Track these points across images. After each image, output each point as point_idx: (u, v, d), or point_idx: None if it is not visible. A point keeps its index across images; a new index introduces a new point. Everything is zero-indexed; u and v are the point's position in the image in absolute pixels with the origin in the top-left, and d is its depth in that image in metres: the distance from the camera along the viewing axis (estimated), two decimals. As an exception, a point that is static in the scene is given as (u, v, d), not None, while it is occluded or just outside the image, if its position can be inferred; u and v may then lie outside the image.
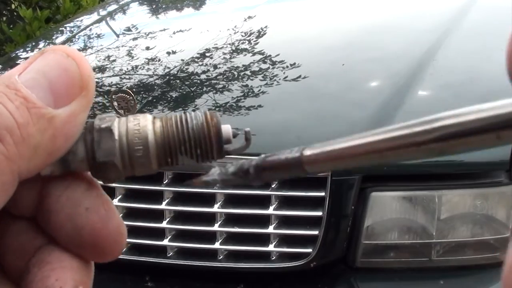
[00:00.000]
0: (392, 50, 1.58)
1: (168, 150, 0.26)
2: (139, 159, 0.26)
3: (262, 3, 2.00)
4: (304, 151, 0.24)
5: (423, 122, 0.20)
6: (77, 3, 3.64)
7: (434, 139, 0.19)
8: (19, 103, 0.23)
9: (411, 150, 0.20)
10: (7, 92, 0.23)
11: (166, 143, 0.26)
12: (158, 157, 0.26)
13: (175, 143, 0.26)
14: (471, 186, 1.18)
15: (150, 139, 0.26)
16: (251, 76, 1.48)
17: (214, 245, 1.20)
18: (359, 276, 1.20)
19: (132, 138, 0.26)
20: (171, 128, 0.27)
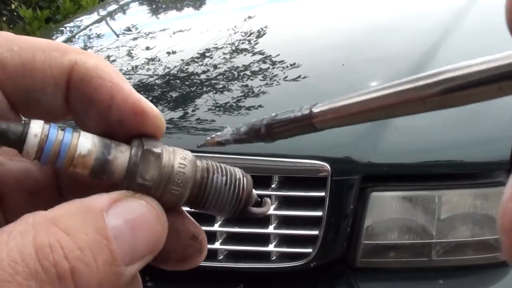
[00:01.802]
0: (392, 50, 1.58)
1: (200, 196, 0.27)
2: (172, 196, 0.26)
3: (262, 3, 2.00)
4: (314, 108, 0.24)
5: (427, 76, 0.20)
6: (77, 3, 3.64)
7: (439, 92, 0.19)
8: (105, 258, 0.22)
9: (416, 104, 0.20)
10: (98, 240, 0.22)
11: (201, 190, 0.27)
12: (188, 199, 0.27)
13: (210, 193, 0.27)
14: (471, 186, 1.18)
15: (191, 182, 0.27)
16: (251, 76, 1.47)
17: (214, 245, 1.20)
18: (359, 276, 1.20)
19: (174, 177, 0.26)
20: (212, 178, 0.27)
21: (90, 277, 0.22)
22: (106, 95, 0.25)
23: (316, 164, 1.14)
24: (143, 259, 0.24)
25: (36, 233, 0.21)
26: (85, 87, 0.25)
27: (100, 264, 0.22)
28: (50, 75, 0.25)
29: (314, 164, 1.14)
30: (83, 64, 0.25)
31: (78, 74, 0.25)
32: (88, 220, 0.23)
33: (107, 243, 0.23)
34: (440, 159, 1.23)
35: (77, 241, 0.22)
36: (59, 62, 0.25)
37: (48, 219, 0.22)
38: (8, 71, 0.24)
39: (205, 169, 0.27)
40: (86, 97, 0.25)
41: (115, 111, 0.25)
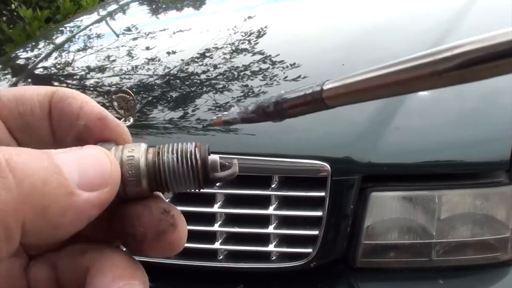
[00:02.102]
0: (392, 50, 1.58)
1: (159, 179, 0.29)
2: (132, 187, 0.29)
3: (262, 3, 2.00)
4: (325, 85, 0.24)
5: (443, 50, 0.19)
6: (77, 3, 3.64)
7: (456, 66, 0.19)
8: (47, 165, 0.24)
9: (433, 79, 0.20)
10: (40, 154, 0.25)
11: (157, 173, 0.29)
12: (149, 185, 0.29)
13: (165, 173, 0.29)
14: (471, 186, 1.18)
15: (142, 163, 0.29)
16: (251, 76, 1.48)
17: (214, 245, 1.20)
18: (359, 276, 1.20)
19: (125, 169, 0.29)
20: (162, 159, 0.29)
21: (29, 169, 0.23)
22: (76, 107, 0.30)
23: (316, 164, 1.14)
24: (98, 189, 0.26)
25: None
26: (61, 104, 0.30)
27: (40, 167, 0.24)
28: (37, 100, 0.30)
29: (314, 164, 1.14)
30: (62, 90, 0.31)
31: (57, 95, 0.31)
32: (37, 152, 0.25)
33: (50, 157, 0.25)
34: (440, 159, 1.23)
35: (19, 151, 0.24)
36: (44, 92, 0.31)
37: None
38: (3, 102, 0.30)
39: (155, 153, 0.29)
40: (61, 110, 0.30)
41: (82, 118, 0.30)
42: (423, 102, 1.32)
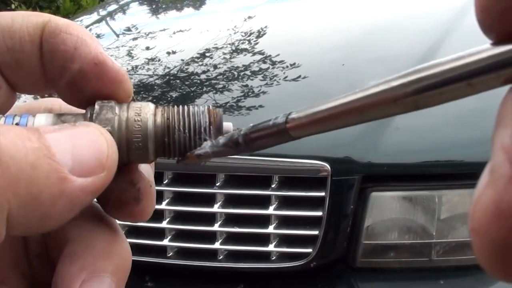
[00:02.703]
0: (392, 50, 1.58)
1: (167, 146, 0.27)
2: (136, 154, 0.26)
3: (262, 3, 2.00)
4: (290, 115, 0.24)
5: (400, 76, 0.19)
6: (77, 3, 3.65)
7: (410, 93, 0.19)
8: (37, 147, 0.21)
9: (388, 106, 0.20)
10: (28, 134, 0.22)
11: (166, 139, 0.26)
12: (156, 152, 0.27)
13: (175, 139, 0.27)
14: (471, 186, 1.18)
15: (150, 124, 0.26)
16: (251, 76, 1.48)
17: (214, 245, 1.20)
18: (359, 276, 1.20)
19: (132, 122, 0.26)
20: (172, 115, 0.27)
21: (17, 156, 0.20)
22: (70, 46, 0.26)
23: (316, 164, 1.14)
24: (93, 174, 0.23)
25: None
26: (53, 39, 0.26)
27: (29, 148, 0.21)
28: (27, 33, 0.26)
29: (314, 164, 1.14)
30: (55, 21, 0.27)
31: (49, 28, 0.26)
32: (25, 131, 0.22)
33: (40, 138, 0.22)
34: (440, 159, 1.23)
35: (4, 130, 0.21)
36: (35, 22, 0.26)
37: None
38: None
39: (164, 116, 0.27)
40: (54, 48, 0.26)
41: (77, 61, 0.26)
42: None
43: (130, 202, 0.27)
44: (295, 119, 0.24)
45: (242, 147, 0.26)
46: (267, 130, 0.25)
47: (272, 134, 0.25)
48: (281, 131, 0.24)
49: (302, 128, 0.24)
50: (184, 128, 0.27)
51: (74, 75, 0.26)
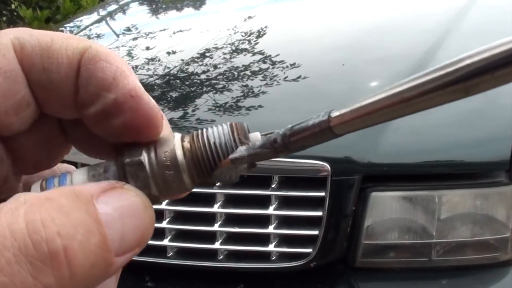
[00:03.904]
0: (392, 51, 1.58)
1: (199, 169, 0.27)
2: (174, 187, 0.27)
3: (262, 3, 2.00)
4: (332, 113, 0.24)
5: (447, 65, 0.19)
6: (77, 3, 3.64)
7: (459, 79, 0.19)
8: (97, 241, 0.22)
9: (437, 94, 0.20)
10: (89, 222, 0.22)
11: (197, 167, 0.27)
12: (191, 178, 0.27)
13: (205, 162, 0.27)
14: (471, 186, 1.18)
15: (181, 162, 0.27)
16: (251, 76, 1.48)
17: (214, 245, 1.20)
18: (359, 276, 1.20)
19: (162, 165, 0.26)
20: (199, 148, 0.27)
21: (83, 259, 0.21)
22: (109, 75, 0.26)
23: (316, 164, 1.14)
24: (130, 251, 0.24)
25: (28, 208, 0.21)
26: (92, 66, 0.26)
27: (93, 247, 0.22)
28: (65, 56, 0.26)
29: (314, 164, 1.14)
30: (95, 48, 0.26)
31: (89, 55, 0.26)
32: (79, 202, 0.22)
33: (98, 226, 0.22)
34: (440, 159, 1.23)
35: (71, 219, 0.21)
36: (75, 46, 0.26)
37: (40, 197, 0.22)
38: (26, 50, 0.25)
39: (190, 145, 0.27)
40: (91, 75, 0.26)
41: (113, 91, 0.26)
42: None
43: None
44: (338, 116, 0.23)
45: (281, 148, 0.25)
46: (308, 129, 0.24)
47: (314, 133, 0.24)
48: (323, 130, 0.24)
49: (346, 125, 0.23)
50: (211, 152, 0.27)
51: (108, 104, 0.26)
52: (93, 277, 0.22)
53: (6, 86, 0.25)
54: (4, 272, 0.19)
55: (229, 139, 0.27)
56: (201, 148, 0.27)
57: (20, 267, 0.20)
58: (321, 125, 0.24)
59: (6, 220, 0.20)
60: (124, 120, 0.26)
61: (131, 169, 0.26)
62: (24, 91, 0.26)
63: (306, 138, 0.25)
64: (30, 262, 0.20)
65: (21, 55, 0.25)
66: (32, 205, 0.21)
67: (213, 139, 0.27)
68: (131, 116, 0.26)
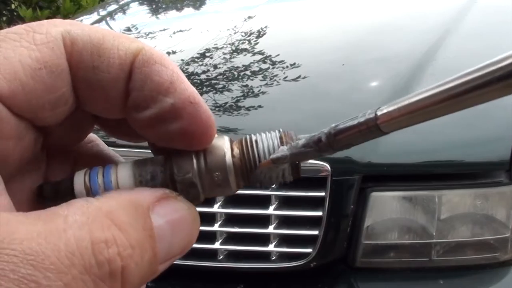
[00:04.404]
0: (392, 51, 1.58)
1: (246, 174, 0.27)
2: (220, 190, 0.27)
3: (262, 3, 2.00)
4: (378, 110, 0.23)
5: (498, 60, 0.19)
6: (77, 3, 3.64)
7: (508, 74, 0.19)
8: (148, 258, 0.24)
9: (490, 89, 0.20)
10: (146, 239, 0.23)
11: (244, 169, 0.27)
12: (237, 185, 0.27)
13: (253, 167, 0.27)
14: (471, 186, 1.18)
15: (229, 168, 0.27)
16: (251, 76, 1.48)
17: (214, 245, 1.20)
18: (359, 276, 1.20)
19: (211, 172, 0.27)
20: (247, 153, 0.27)
21: (135, 276, 0.23)
22: (166, 79, 0.25)
23: (316, 164, 1.14)
24: (173, 258, 0.25)
25: (92, 225, 0.22)
26: (147, 68, 0.25)
27: (145, 263, 0.23)
28: (117, 56, 0.25)
29: (314, 164, 1.14)
30: (149, 50, 0.26)
31: (143, 57, 0.25)
32: (138, 217, 0.24)
33: (152, 243, 0.24)
34: (440, 159, 1.23)
35: (130, 239, 0.23)
36: (127, 46, 0.25)
37: (102, 211, 0.23)
38: (78, 46, 0.25)
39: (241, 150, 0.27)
40: (147, 78, 0.25)
41: (171, 95, 0.25)
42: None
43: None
44: (385, 114, 0.23)
45: (325, 147, 0.25)
46: (355, 127, 0.24)
47: (360, 131, 0.24)
48: (371, 127, 0.24)
49: (394, 122, 0.23)
50: (259, 158, 0.27)
51: (164, 109, 0.25)
52: (138, 285, 0.24)
53: (49, 81, 0.24)
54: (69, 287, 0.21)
55: (278, 146, 0.27)
56: (250, 153, 0.27)
57: (85, 284, 0.21)
58: (368, 123, 0.24)
59: (73, 235, 0.21)
60: (181, 126, 0.26)
61: (182, 186, 0.27)
62: (65, 89, 0.25)
63: (352, 136, 0.25)
64: (93, 280, 0.21)
65: (71, 51, 0.25)
66: (96, 221, 0.22)
67: (261, 145, 0.27)
68: (189, 122, 0.26)
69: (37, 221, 0.21)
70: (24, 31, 0.24)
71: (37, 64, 0.24)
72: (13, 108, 0.23)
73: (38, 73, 0.24)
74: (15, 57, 0.23)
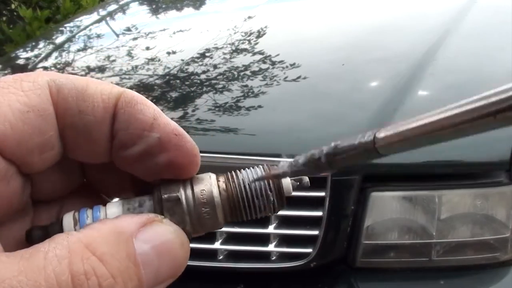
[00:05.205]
0: (392, 51, 1.58)
1: (234, 210, 0.28)
2: (207, 219, 0.28)
3: (262, 3, 2.00)
4: (377, 133, 0.24)
5: (499, 92, 0.19)
6: (77, 3, 3.64)
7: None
8: (134, 285, 0.24)
9: (487, 121, 0.20)
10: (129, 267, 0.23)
11: (231, 206, 0.28)
12: (224, 216, 0.28)
13: (240, 204, 0.28)
14: (471, 186, 1.18)
15: (217, 201, 0.28)
16: (251, 76, 1.47)
17: (214, 245, 1.20)
18: (359, 276, 1.20)
19: (199, 202, 0.27)
20: (235, 189, 0.28)
21: None
22: (150, 116, 0.27)
23: (316, 164, 1.14)
24: (163, 283, 0.26)
25: (72, 258, 0.22)
26: (130, 108, 0.27)
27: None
28: (101, 100, 0.27)
29: (314, 164, 1.14)
30: (130, 93, 0.28)
31: (125, 99, 0.27)
32: (120, 246, 0.24)
33: (136, 270, 0.24)
34: (440, 159, 1.23)
35: (111, 269, 0.23)
36: (109, 90, 0.27)
37: (82, 243, 0.23)
38: (63, 93, 0.26)
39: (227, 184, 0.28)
40: (131, 117, 0.27)
41: (156, 130, 0.27)
42: (423, 102, 1.32)
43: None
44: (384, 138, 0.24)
45: (325, 166, 0.26)
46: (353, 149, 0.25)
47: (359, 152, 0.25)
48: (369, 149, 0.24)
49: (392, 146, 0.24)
50: (247, 195, 0.28)
51: (152, 144, 0.27)
52: None
53: (37, 124, 0.25)
54: None
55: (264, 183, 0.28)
56: (237, 189, 0.28)
57: None
58: (366, 146, 0.24)
59: (53, 270, 0.22)
60: (168, 158, 0.27)
61: (169, 204, 0.27)
62: (53, 133, 0.26)
63: (351, 157, 0.25)
64: None
65: (57, 98, 0.26)
66: (76, 254, 0.22)
67: (248, 181, 0.28)
68: (175, 154, 0.27)
69: (19, 259, 0.22)
70: (12, 80, 0.25)
71: (25, 107, 0.25)
72: (3, 150, 0.24)
73: (27, 115, 0.25)
74: (4, 102, 0.24)
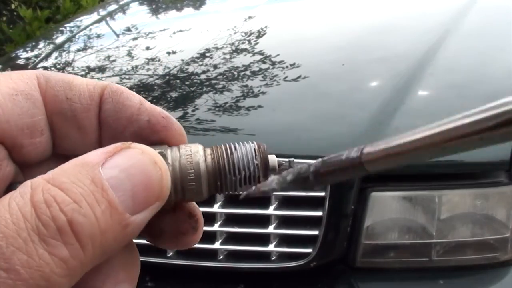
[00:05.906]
0: (392, 51, 1.58)
1: (218, 183, 0.28)
2: (190, 185, 0.28)
3: (262, 3, 2.00)
4: (364, 150, 0.24)
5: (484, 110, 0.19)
6: (77, 3, 3.64)
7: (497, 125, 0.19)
8: (104, 208, 0.24)
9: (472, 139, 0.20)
10: (94, 191, 0.24)
11: (217, 177, 0.28)
12: (208, 182, 0.28)
13: (225, 169, 0.28)
14: (471, 186, 1.18)
15: (202, 165, 0.28)
16: (251, 76, 1.47)
17: (214, 245, 1.20)
18: (359, 276, 1.20)
19: (184, 164, 0.28)
20: (221, 155, 0.28)
21: (90, 228, 0.23)
22: (136, 102, 0.29)
23: (316, 164, 1.14)
24: (149, 207, 0.25)
25: (33, 192, 0.23)
26: (117, 97, 0.29)
27: (99, 214, 0.24)
28: (86, 90, 0.29)
29: (314, 164, 1.14)
30: (115, 85, 0.30)
31: (111, 89, 0.29)
32: (83, 173, 0.24)
33: (104, 194, 0.24)
34: (440, 159, 1.23)
35: (72, 194, 0.23)
36: (95, 83, 0.30)
37: (44, 179, 0.24)
38: (51, 82, 0.28)
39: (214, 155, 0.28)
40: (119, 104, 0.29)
41: (144, 114, 0.29)
42: (423, 102, 1.32)
43: (189, 232, 0.30)
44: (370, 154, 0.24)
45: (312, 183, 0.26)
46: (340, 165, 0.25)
47: (346, 169, 0.25)
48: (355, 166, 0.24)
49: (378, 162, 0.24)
50: (233, 167, 0.28)
51: (142, 126, 0.29)
52: (108, 241, 0.24)
53: (26, 106, 0.27)
54: (23, 250, 0.22)
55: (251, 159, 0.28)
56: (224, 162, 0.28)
57: (36, 245, 0.22)
58: (353, 162, 0.24)
59: (16, 205, 0.23)
60: (159, 139, 0.29)
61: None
62: (41, 117, 0.28)
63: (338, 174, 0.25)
64: (43, 239, 0.22)
65: (45, 87, 0.28)
66: (37, 187, 0.23)
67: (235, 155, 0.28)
68: (165, 134, 0.29)
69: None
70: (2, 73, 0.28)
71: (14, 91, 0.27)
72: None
73: (15, 97, 0.27)
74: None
